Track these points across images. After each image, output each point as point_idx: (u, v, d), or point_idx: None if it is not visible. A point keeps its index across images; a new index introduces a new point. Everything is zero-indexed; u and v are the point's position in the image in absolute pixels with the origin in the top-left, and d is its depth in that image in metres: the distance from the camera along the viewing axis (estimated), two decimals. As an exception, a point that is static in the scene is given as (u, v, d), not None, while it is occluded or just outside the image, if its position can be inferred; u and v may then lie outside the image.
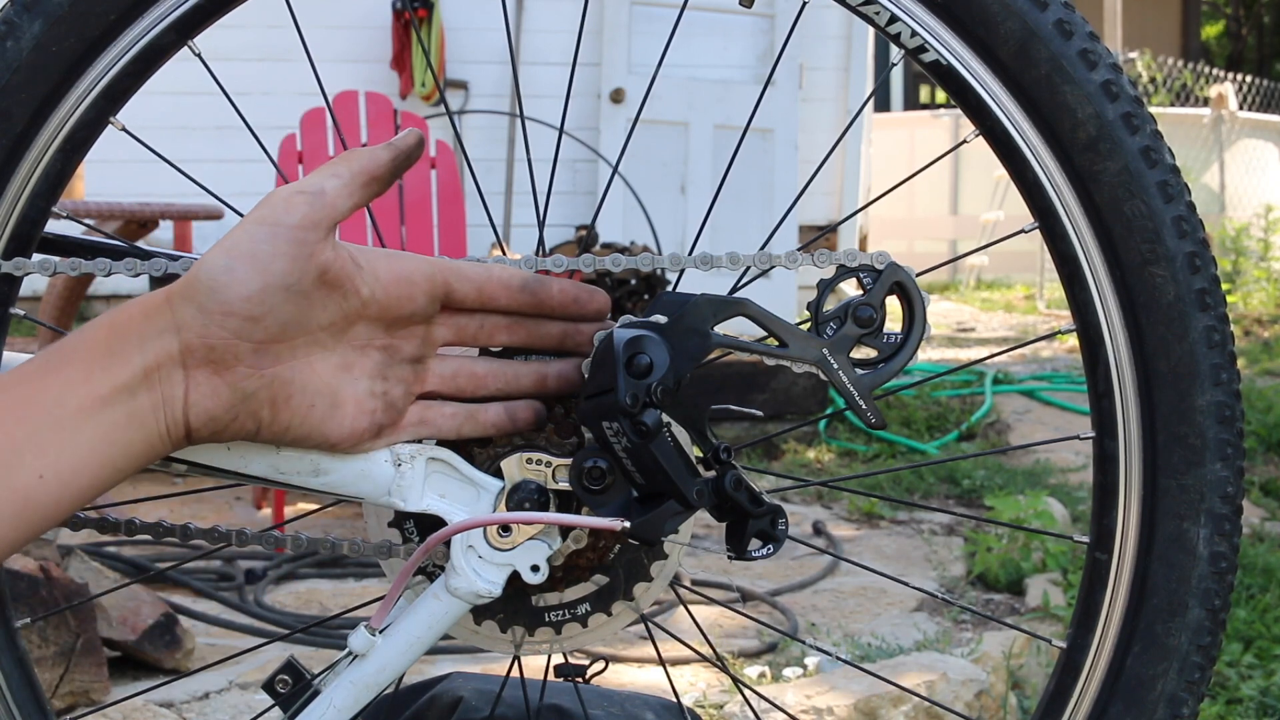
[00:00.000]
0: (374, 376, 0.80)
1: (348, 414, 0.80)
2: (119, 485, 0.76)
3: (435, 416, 0.85)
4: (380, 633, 1.05)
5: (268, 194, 0.77)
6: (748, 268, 1.09)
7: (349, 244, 0.79)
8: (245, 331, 0.74)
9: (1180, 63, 14.85)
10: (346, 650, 1.06)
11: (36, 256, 1.09)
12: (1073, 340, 1.11)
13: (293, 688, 1.07)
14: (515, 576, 1.04)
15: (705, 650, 2.37)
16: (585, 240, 5.84)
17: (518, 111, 5.75)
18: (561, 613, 1.12)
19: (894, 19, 1.06)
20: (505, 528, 1.04)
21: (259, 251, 0.74)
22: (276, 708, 1.08)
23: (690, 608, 1.72)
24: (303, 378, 0.77)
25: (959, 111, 1.36)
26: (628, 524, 1.01)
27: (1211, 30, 21.53)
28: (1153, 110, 1.06)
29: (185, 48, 1.09)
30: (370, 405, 0.80)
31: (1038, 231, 1.09)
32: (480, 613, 1.11)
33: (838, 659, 1.29)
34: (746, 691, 1.60)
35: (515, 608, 1.11)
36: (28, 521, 0.71)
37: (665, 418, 1.00)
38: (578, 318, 0.86)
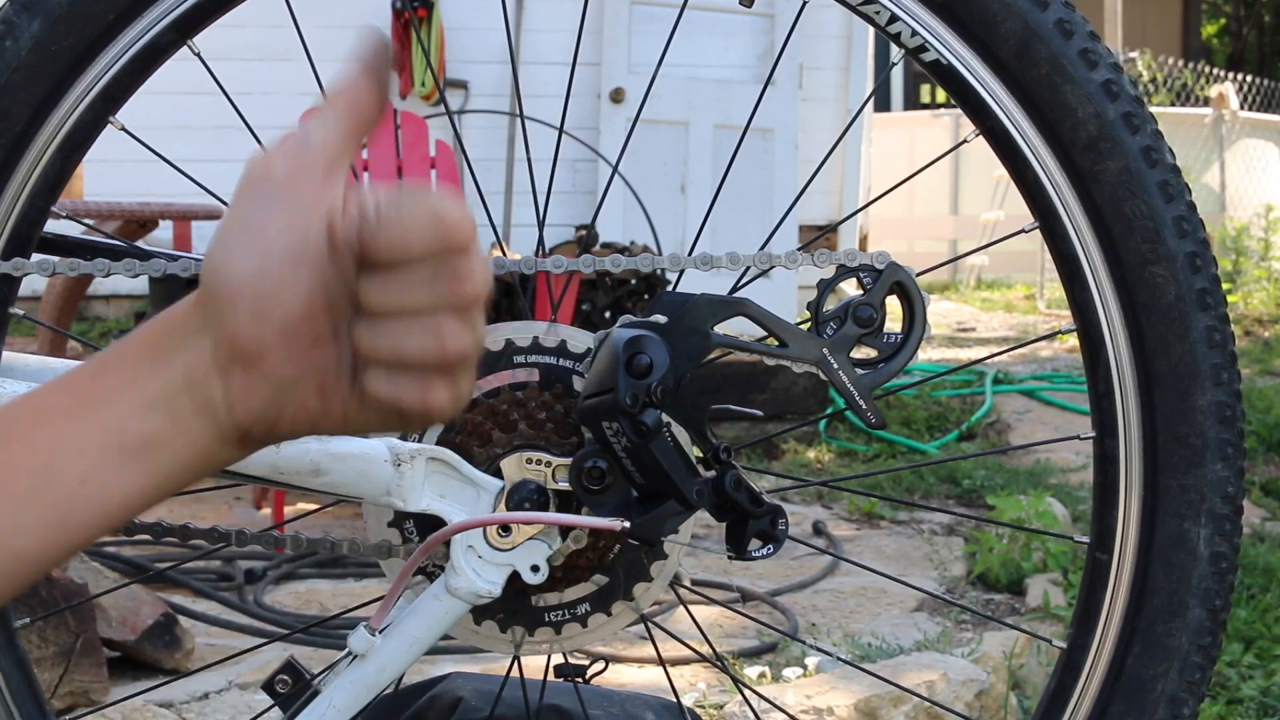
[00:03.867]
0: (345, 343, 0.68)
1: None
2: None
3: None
4: (380, 633, 1.05)
5: (250, 157, 0.68)
6: (748, 268, 1.09)
7: (370, 188, 0.68)
8: (261, 316, 0.64)
9: (1181, 62, 14.83)
10: (346, 650, 1.06)
11: (35, 256, 1.09)
12: (1073, 340, 1.11)
13: (293, 688, 1.07)
14: (515, 576, 1.04)
15: (705, 650, 2.37)
16: (585, 240, 5.83)
17: (518, 111, 5.75)
18: (561, 613, 1.12)
19: (894, 18, 1.06)
20: (505, 528, 1.04)
21: (251, 220, 0.65)
22: (276, 708, 1.08)
23: (690, 608, 1.72)
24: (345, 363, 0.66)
25: (959, 111, 1.36)
26: (628, 524, 1.01)
27: (1212, 30, 21.52)
28: (1153, 110, 1.06)
29: (185, 47, 1.09)
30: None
31: (1038, 231, 1.09)
32: (480, 613, 1.11)
33: (838, 659, 1.29)
34: (746, 691, 1.60)
35: (515, 608, 1.11)
36: (69, 529, 0.66)
37: (665, 418, 1.00)
38: None
